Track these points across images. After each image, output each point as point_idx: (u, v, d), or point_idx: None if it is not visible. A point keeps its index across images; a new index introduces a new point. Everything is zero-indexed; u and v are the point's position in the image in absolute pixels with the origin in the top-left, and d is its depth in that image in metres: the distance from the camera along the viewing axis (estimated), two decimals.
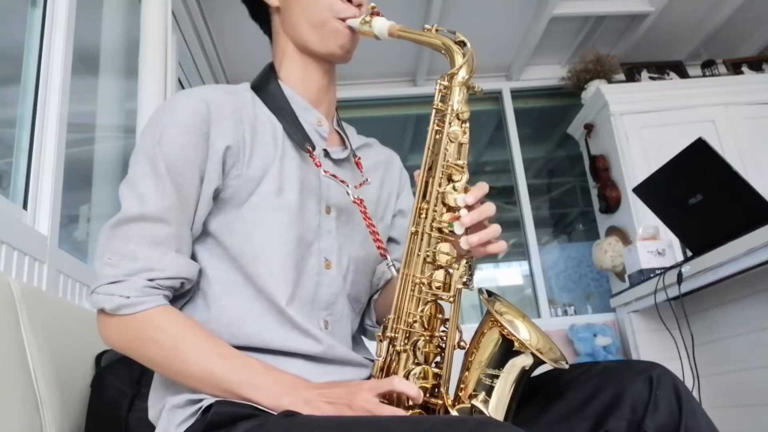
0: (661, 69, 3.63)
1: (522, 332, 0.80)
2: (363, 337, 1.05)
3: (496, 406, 0.79)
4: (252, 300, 0.85)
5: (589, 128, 3.39)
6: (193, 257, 0.86)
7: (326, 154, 0.96)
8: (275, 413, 0.73)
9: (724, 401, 2.17)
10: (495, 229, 0.79)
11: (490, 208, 0.80)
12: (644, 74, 3.59)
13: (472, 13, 3.18)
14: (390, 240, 1.07)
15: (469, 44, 0.85)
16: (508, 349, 0.80)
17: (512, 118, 3.75)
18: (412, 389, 0.73)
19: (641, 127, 3.15)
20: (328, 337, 0.88)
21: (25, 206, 1.43)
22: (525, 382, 0.81)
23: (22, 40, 1.56)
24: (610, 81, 3.44)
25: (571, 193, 3.97)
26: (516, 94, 3.81)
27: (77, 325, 1.22)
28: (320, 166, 0.90)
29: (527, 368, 0.80)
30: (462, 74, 0.84)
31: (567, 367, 0.81)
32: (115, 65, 2.30)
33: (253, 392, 0.76)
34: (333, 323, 0.91)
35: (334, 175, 0.91)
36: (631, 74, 3.57)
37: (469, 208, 0.79)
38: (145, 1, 2.12)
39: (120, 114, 2.32)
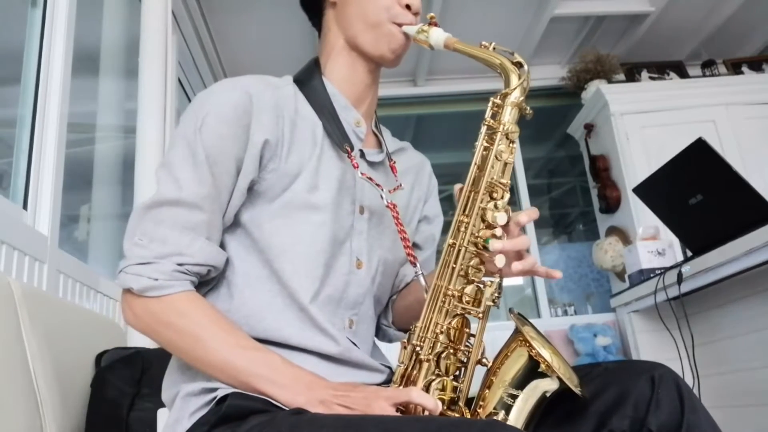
0: (661, 69, 3.63)
1: (547, 357, 0.80)
2: (375, 339, 1.05)
3: (513, 423, 0.78)
4: (274, 295, 0.85)
5: (589, 128, 3.39)
6: (222, 246, 0.86)
7: (362, 155, 0.96)
8: (287, 409, 0.73)
9: (724, 401, 2.17)
10: (533, 261, 0.81)
11: (524, 242, 0.81)
12: (644, 74, 3.59)
13: (472, 12, 3.18)
14: (414, 245, 1.07)
15: (526, 66, 0.86)
16: (533, 371, 0.80)
17: None
18: (429, 401, 0.72)
19: (641, 127, 3.15)
20: (346, 338, 0.88)
21: (25, 206, 1.43)
22: (545, 403, 0.80)
23: (22, 40, 1.56)
24: (610, 81, 3.44)
25: (571, 193, 3.98)
26: None
27: (77, 325, 1.22)
28: (358, 167, 0.90)
29: (548, 394, 0.79)
30: (516, 95, 0.85)
31: (586, 395, 0.81)
32: (115, 65, 2.30)
33: (269, 387, 0.76)
34: (357, 323, 0.92)
35: (370, 178, 0.92)
36: (631, 74, 3.57)
37: (505, 228, 0.80)
38: (145, 1, 2.12)
39: (120, 114, 2.32)
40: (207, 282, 0.86)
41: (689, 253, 2.09)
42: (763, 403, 2.04)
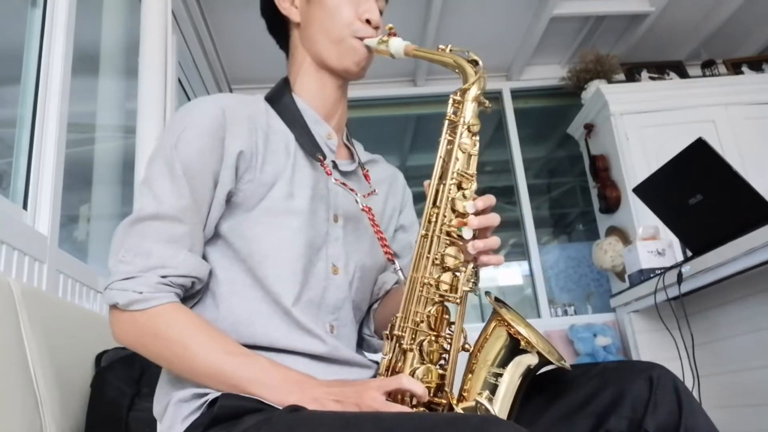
0: (661, 69, 3.63)
1: (525, 334, 0.82)
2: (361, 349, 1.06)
3: (500, 404, 0.80)
4: (259, 301, 0.86)
5: (589, 128, 3.39)
6: (204, 259, 0.88)
7: (335, 165, 0.98)
8: (281, 408, 0.74)
9: (724, 401, 2.17)
10: (495, 240, 0.83)
11: (495, 219, 0.83)
12: (644, 74, 3.59)
13: (472, 13, 3.18)
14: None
15: (481, 63, 0.90)
16: (514, 348, 0.81)
17: (512, 118, 3.75)
18: (418, 387, 0.74)
19: (641, 127, 3.15)
20: (333, 339, 0.89)
21: (25, 206, 1.43)
22: (529, 381, 0.82)
23: (22, 40, 1.56)
24: (610, 81, 3.44)
25: (571, 193, 3.97)
26: (516, 94, 3.81)
27: (77, 325, 1.22)
28: (330, 174, 0.93)
29: (532, 367, 0.81)
30: (474, 90, 0.89)
31: (569, 367, 0.83)
32: (115, 65, 2.30)
33: (260, 389, 0.76)
34: (338, 328, 0.93)
35: (344, 183, 0.94)
36: (631, 74, 3.57)
37: (477, 214, 0.83)
38: (145, 1, 2.12)
39: (120, 114, 2.32)
40: (193, 296, 0.88)
41: (689, 253, 2.09)
42: (763, 403, 2.04)
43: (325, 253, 0.92)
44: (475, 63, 0.90)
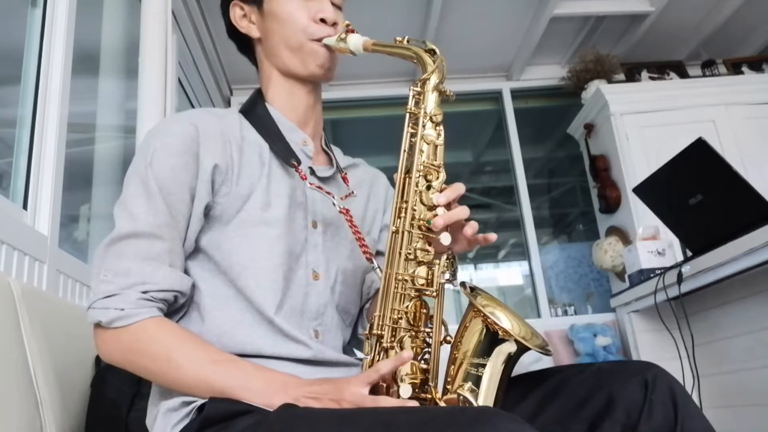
0: (661, 69, 3.63)
1: (504, 322, 0.81)
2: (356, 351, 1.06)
3: (485, 394, 0.79)
4: (243, 311, 0.87)
5: (589, 128, 3.39)
6: (187, 273, 0.88)
7: (312, 172, 0.99)
8: (270, 411, 0.74)
9: (724, 401, 2.17)
10: (474, 227, 0.82)
11: (463, 212, 0.82)
12: (644, 74, 3.59)
13: (472, 13, 3.18)
14: (378, 253, 1.09)
15: (438, 52, 0.90)
16: (492, 339, 0.81)
17: (512, 118, 3.74)
18: (397, 360, 0.74)
19: (641, 127, 3.15)
20: (317, 343, 0.90)
21: (25, 206, 1.43)
22: (511, 369, 0.81)
23: (22, 40, 1.56)
24: (610, 81, 3.44)
25: (571, 193, 3.97)
26: (516, 94, 3.81)
27: (77, 325, 1.22)
28: (306, 179, 0.93)
29: (512, 354, 0.80)
30: (434, 80, 0.88)
31: (551, 354, 0.82)
32: (115, 65, 2.30)
33: (245, 393, 0.77)
34: (323, 333, 0.93)
35: (319, 187, 0.95)
36: (631, 74, 3.57)
37: (447, 206, 0.82)
38: (145, 2, 2.12)
39: (120, 114, 2.32)
40: (178, 309, 0.88)
41: (689, 253, 2.09)
42: (763, 403, 2.04)
43: (305, 260, 0.93)
44: (432, 52, 0.89)
